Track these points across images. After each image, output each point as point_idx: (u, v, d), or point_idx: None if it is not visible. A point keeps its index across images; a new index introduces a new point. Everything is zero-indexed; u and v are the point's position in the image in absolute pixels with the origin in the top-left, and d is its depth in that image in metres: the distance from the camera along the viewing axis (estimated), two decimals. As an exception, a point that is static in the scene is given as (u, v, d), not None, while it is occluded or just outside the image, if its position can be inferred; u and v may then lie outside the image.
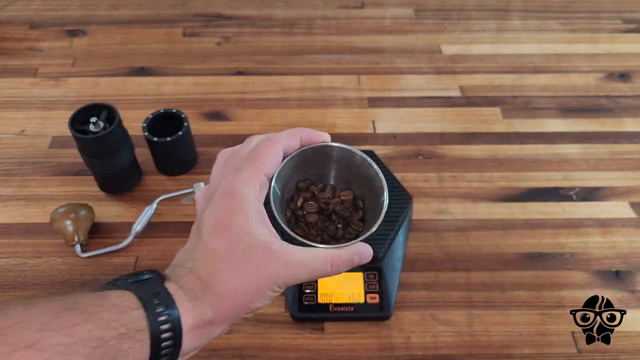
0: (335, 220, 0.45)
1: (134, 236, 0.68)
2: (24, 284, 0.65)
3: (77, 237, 0.66)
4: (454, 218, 0.72)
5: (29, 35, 0.99)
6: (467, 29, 1.01)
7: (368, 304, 0.62)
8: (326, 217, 0.45)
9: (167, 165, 0.75)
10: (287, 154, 0.43)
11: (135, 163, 0.73)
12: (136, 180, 0.74)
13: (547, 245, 0.69)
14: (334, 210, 0.45)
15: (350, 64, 0.94)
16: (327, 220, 0.45)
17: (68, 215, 0.66)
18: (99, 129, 0.65)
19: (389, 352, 0.60)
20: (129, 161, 0.71)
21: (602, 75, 0.92)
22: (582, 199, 0.74)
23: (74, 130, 0.65)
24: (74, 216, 0.66)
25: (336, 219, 0.45)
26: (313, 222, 0.44)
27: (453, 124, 0.84)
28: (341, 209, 0.45)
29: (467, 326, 0.62)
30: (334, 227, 0.45)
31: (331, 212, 0.45)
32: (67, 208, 0.66)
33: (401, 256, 0.66)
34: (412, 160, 0.79)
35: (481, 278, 0.66)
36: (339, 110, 0.86)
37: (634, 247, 0.69)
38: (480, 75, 0.92)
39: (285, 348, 0.60)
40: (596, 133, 0.83)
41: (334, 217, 0.45)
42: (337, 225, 0.45)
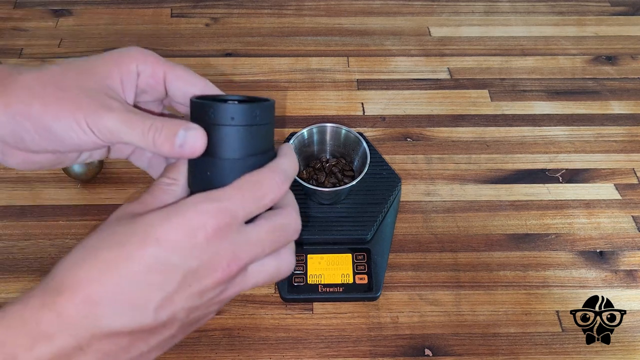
0: (328, 173, 0.69)
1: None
2: (12, 266, 0.64)
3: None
4: (442, 200, 0.72)
5: (13, 15, 0.98)
6: (456, 10, 1.01)
7: (357, 285, 0.62)
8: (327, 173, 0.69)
9: None
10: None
11: None
12: None
13: (533, 226, 0.70)
14: (331, 170, 0.69)
15: (339, 46, 0.94)
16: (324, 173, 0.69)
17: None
18: None
19: (377, 332, 0.60)
20: None
21: (589, 57, 0.93)
22: (568, 180, 0.75)
23: None
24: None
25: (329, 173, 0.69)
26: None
27: (441, 106, 0.84)
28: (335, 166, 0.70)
29: (454, 306, 0.63)
30: (323, 175, 0.68)
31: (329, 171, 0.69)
32: None
33: (390, 237, 0.67)
34: (400, 143, 0.79)
35: (468, 259, 0.67)
36: (328, 92, 0.86)
37: (617, 227, 0.70)
38: (468, 58, 0.92)
39: (274, 328, 0.60)
40: (582, 115, 0.83)
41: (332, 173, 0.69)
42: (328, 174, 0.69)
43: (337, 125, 0.69)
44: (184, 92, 0.39)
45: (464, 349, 0.60)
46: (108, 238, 0.32)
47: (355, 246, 0.64)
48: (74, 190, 0.72)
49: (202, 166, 0.35)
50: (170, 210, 0.32)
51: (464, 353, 0.59)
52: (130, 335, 0.31)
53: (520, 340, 0.60)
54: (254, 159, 0.35)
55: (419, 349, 0.59)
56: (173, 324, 0.33)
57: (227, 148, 0.34)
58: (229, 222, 0.32)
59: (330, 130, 0.69)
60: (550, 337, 0.61)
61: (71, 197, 0.71)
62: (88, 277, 0.30)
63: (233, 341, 0.60)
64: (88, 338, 0.30)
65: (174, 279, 0.31)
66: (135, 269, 0.31)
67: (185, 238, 0.31)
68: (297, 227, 0.37)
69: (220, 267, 0.33)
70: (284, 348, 0.59)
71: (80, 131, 0.34)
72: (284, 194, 0.35)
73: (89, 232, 0.63)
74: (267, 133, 0.37)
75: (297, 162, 0.38)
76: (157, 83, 0.38)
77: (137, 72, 0.37)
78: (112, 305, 0.30)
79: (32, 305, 0.30)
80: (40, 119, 0.34)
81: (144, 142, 0.34)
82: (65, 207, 0.70)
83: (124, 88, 0.37)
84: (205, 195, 0.33)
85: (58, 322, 0.29)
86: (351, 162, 0.69)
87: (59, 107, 0.34)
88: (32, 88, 0.35)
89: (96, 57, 0.37)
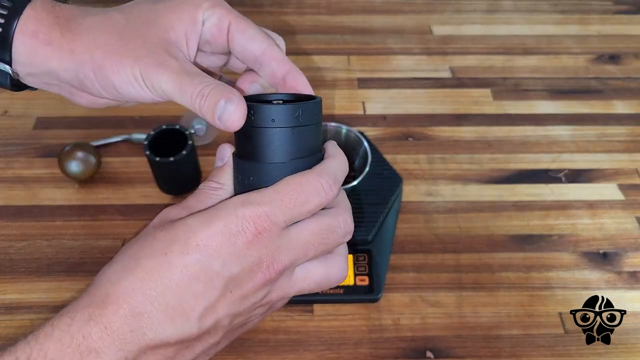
0: None
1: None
2: (9, 267, 0.64)
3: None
4: (444, 200, 0.72)
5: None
6: (458, 9, 1.00)
7: (357, 286, 0.62)
8: None
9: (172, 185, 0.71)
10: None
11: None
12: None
13: (536, 227, 0.69)
14: None
15: (340, 44, 0.93)
16: None
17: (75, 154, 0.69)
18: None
19: (378, 334, 0.60)
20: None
21: (592, 56, 0.92)
22: (571, 180, 0.74)
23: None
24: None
25: None
26: None
27: (443, 105, 0.83)
28: None
29: (456, 308, 0.62)
30: None
31: None
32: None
33: (391, 238, 0.66)
34: (402, 142, 0.78)
35: (470, 260, 0.66)
36: (329, 91, 0.85)
37: (621, 228, 0.69)
38: (470, 57, 0.91)
39: (274, 330, 0.60)
40: (585, 115, 0.83)
41: None
42: None
43: (338, 125, 0.68)
44: (244, 48, 0.37)
45: (466, 351, 0.59)
46: (150, 245, 0.32)
47: (356, 247, 0.64)
48: (71, 190, 0.71)
49: (246, 171, 0.34)
50: (210, 215, 0.32)
51: (466, 355, 0.59)
52: (176, 345, 0.31)
53: (522, 342, 0.59)
54: (299, 162, 0.33)
55: (420, 351, 0.59)
56: (217, 331, 0.33)
57: (269, 151, 0.33)
58: (269, 227, 0.31)
59: (331, 129, 0.68)
60: (553, 339, 0.60)
61: (68, 197, 0.70)
62: (132, 288, 0.30)
63: (232, 343, 0.58)
64: (135, 352, 0.30)
65: (215, 286, 0.31)
66: (177, 278, 0.30)
67: (225, 244, 0.31)
68: (348, 228, 0.35)
69: (260, 270, 0.32)
70: (283, 350, 0.59)
71: (138, 86, 0.34)
72: (332, 198, 0.34)
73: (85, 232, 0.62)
74: (314, 134, 0.34)
75: (346, 163, 0.36)
76: (220, 34, 0.37)
77: (202, 21, 0.36)
78: (156, 317, 0.30)
79: (80, 319, 0.30)
80: (102, 69, 0.34)
81: (192, 107, 0.33)
82: (62, 207, 0.69)
83: (187, 39, 0.36)
84: (244, 197, 0.32)
85: (105, 337, 0.29)
86: (352, 161, 0.68)
87: (119, 59, 0.34)
88: (95, 37, 0.35)
89: (164, 3, 0.36)
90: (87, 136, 0.75)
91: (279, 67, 0.38)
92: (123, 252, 0.32)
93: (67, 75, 0.36)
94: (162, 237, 0.32)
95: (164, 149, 0.66)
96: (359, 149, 0.67)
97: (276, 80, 0.38)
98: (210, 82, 0.33)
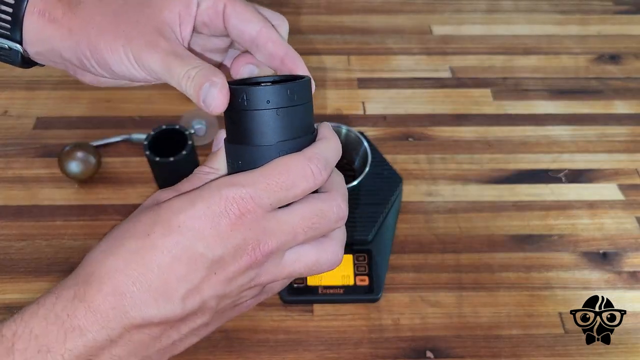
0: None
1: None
2: (9, 267, 0.64)
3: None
4: (444, 200, 0.72)
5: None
6: (458, 9, 1.00)
7: (357, 286, 0.61)
8: None
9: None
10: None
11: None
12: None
13: (536, 227, 0.69)
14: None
15: (340, 44, 0.93)
16: None
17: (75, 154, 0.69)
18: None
19: (378, 334, 0.60)
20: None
21: (593, 57, 0.92)
22: (571, 180, 0.74)
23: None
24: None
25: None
26: None
27: (443, 105, 0.83)
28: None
29: (456, 308, 0.62)
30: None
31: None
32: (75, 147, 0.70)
33: (391, 238, 0.66)
34: (402, 142, 0.78)
35: (470, 260, 0.66)
36: (329, 91, 0.85)
37: (621, 228, 0.69)
38: (470, 56, 0.91)
39: (274, 330, 0.60)
40: (585, 115, 0.83)
41: None
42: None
43: (338, 125, 0.68)
44: (239, 30, 0.37)
45: (466, 351, 0.59)
46: (134, 226, 0.32)
47: (356, 247, 0.64)
48: (71, 190, 0.71)
49: (234, 154, 0.34)
50: (194, 196, 0.31)
51: (466, 355, 0.59)
52: (160, 325, 0.31)
53: (522, 342, 0.59)
54: (288, 144, 0.32)
55: (420, 351, 0.59)
56: (204, 312, 0.33)
57: (255, 134, 0.32)
58: (253, 209, 0.31)
59: None
60: (553, 338, 0.60)
61: (68, 197, 0.70)
62: (114, 268, 0.30)
63: (232, 343, 0.59)
64: (118, 329, 0.30)
65: (199, 267, 0.31)
66: (158, 259, 0.30)
67: (208, 225, 0.31)
68: (341, 214, 0.34)
69: (245, 253, 0.31)
70: (283, 350, 0.59)
71: (130, 66, 0.34)
72: (321, 182, 0.33)
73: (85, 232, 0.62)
74: (301, 115, 0.33)
75: (339, 145, 0.35)
76: (217, 16, 0.36)
77: (197, 3, 0.36)
78: (138, 296, 0.30)
79: (65, 297, 0.30)
80: (97, 48, 0.35)
81: (180, 89, 0.33)
82: (62, 207, 0.69)
83: (181, 21, 0.36)
84: (228, 179, 0.32)
85: (89, 315, 0.29)
86: (352, 161, 0.68)
87: (112, 38, 0.34)
88: (93, 16, 0.35)
89: None
90: (87, 136, 0.75)
91: (275, 48, 0.37)
92: (111, 233, 0.33)
93: (68, 54, 0.36)
94: (147, 218, 0.32)
95: (164, 149, 0.66)
96: (359, 149, 0.66)
97: (274, 62, 0.38)
98: (197, 64, 0.33)
